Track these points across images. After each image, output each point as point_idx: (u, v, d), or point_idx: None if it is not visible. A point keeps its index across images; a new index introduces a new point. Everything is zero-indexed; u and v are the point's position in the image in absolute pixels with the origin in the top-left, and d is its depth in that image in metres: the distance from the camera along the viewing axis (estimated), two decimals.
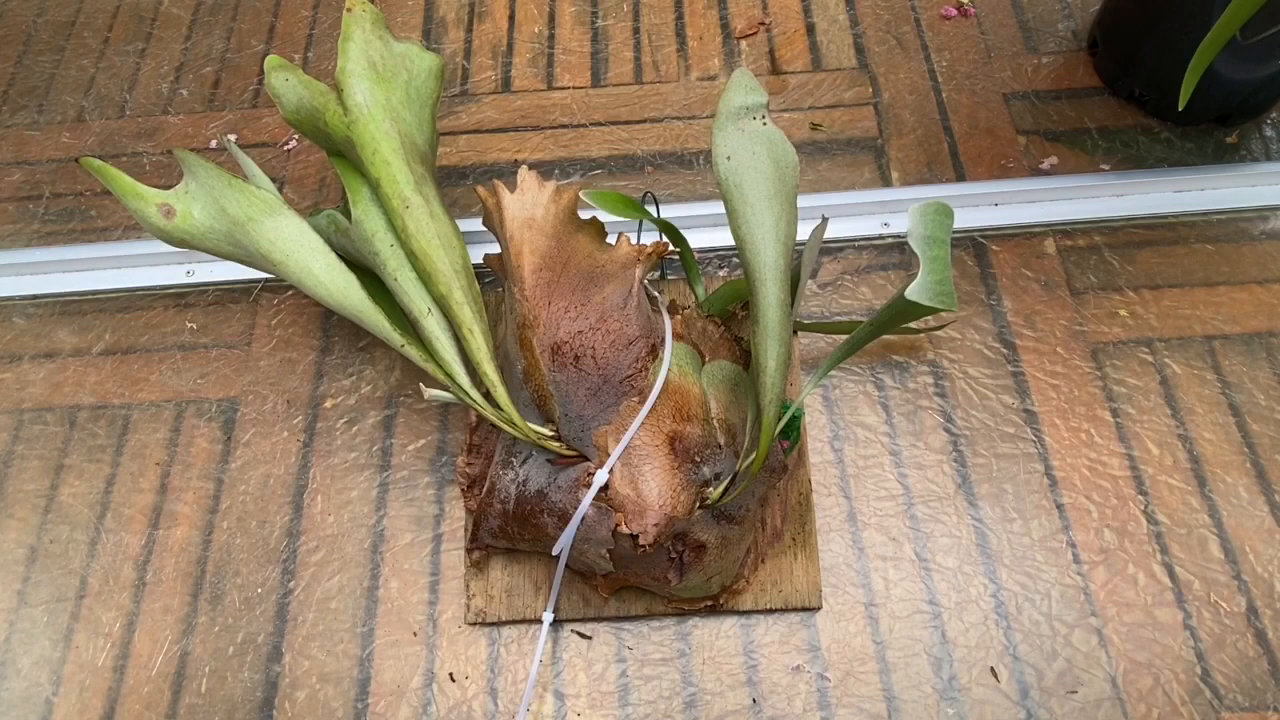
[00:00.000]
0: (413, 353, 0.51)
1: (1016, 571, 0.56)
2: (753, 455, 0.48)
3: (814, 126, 0.75)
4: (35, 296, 0.71)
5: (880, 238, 0.69)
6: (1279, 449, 0.59)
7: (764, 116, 0.50)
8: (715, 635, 0.55)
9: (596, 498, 0.47)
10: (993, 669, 0.53)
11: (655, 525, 0.46)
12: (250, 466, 0.62)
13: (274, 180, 0.75)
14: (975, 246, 0.68)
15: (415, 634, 0.56)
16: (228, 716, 0.54)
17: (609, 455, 0.47)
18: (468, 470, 0.58)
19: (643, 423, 0.48)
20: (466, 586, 0.56)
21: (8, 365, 0.68)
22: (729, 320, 0.61)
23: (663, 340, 0.50)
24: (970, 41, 0.79)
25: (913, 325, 0.62)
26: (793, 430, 0.55)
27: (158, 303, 0.70)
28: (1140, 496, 0.58)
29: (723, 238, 0.69)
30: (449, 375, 0.52)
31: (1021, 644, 0.54)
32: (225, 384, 0.66)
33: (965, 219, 0.69)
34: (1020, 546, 0.57)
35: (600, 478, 0.47)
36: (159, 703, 0.55)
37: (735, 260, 0.69)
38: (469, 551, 0.56)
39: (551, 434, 0.50)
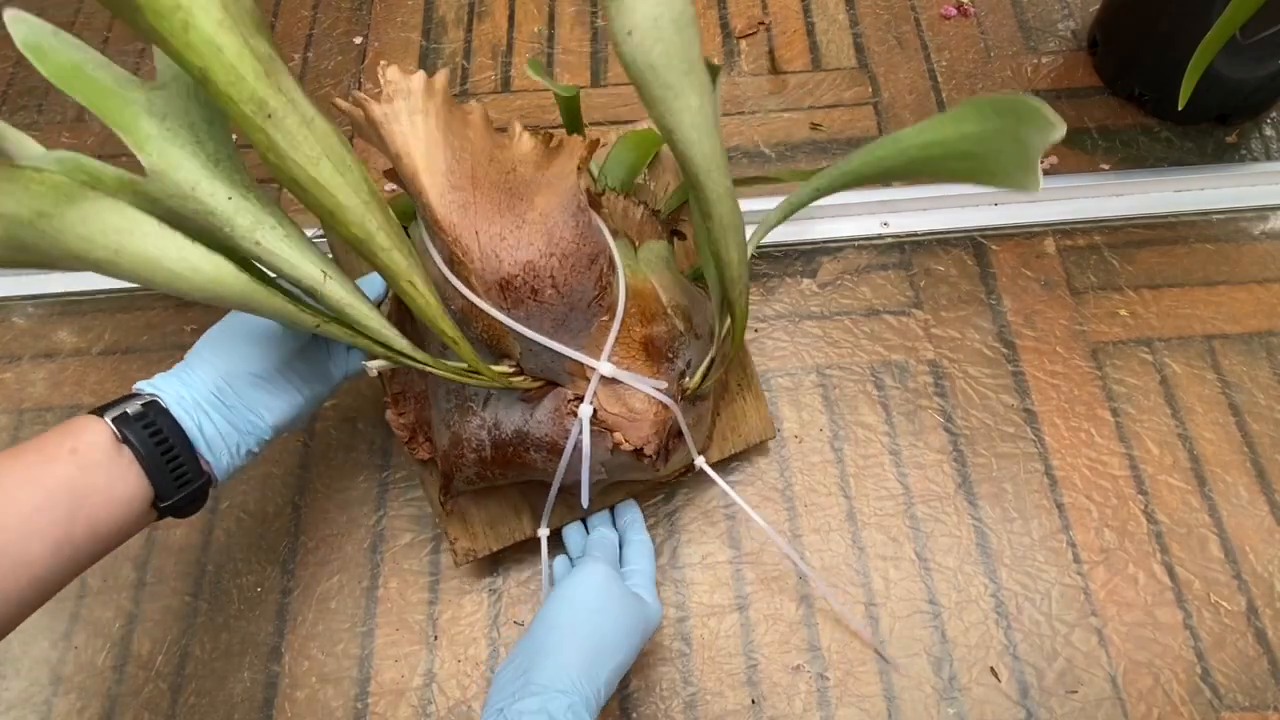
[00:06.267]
0: (334, 330, 0.41)
1: (1016, 571, 0.56)
2: (726, 342, 0.47)
3: (814, 126, 0.75)
4: (35, 296, 0.71)
5: (880, 237, 0.69)
6: (1279, 449, 0.59)
7: None
8: (715, 635, 0.55)
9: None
10: (993, 669, 0.53)
11: (655, 434, 0.46)
12: (250, 466, 0.62)
13: None
14: (975, 246, 0.68)
15: (415, 634, 0.56)
16: (228, 716, 0.54)
17: (588, 381, 0.45)
18: (401, 421, 0.53)
19: (616, 337, 0.46)
20: (445, 534, 0.55)
21: (8, 365, 0.68)
22: (637, 191, 0.57)
23: (609, 246, 0.46)
24: (970, 41, 0.79)
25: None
26: None
27: (158, 303, 0.70)
28: (1140, 496, 0.58)
29: None
30: (385, 345, 0.43)
31: (1021, 644, 0.54)
32: None
33: (965, 219, 0.69)
34: (1020, 546, 0.57)
35: (586, 411, 0.45)
36: (159, 703, 0.55)
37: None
38: (443, 504, 0.53)
39: (513, 370, 0.46)
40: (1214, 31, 0.48)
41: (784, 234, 0.69)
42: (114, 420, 0.39)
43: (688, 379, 0.49)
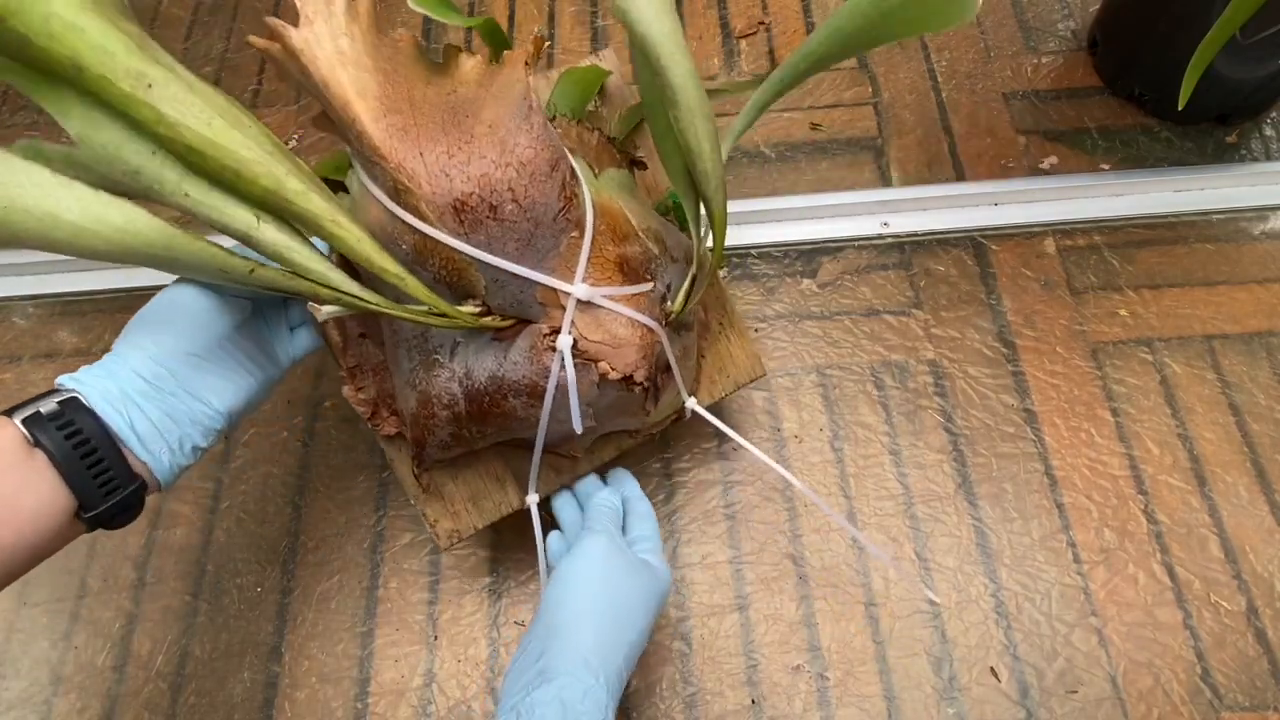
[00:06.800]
0: (271, 276, 0.38)
1: (1016, 571, 0.56)
2: (705, 252, 0.44)
3: (814, 126, 0.75)
4: (35, 296, 0.71)
5: (880, 237, 0.69)
6: (1279, 449, 0.59)
7: None
8: (715, 635, 0.55)
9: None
10: (993, 669, 0.53)
11: (643, 359, 0.43)
12: (250, 466, 0.62)
13: None
14: (975, 246, 0.68)
15: (415, 634, 0.56)
16: (227, 716, 0.54)
17: (564, 310, 0.42)
18: (361, 396, 0.49)
19: (589, 257, 0.42)
20: (424, 517, 0.51)
21: (8, 365, 0.68)
22: (590, 119, 0.54)
23: (566, 154, 0.42)
24: (970, 41, 0.79)
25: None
26: (680, 209, 0.52)
27: None
28: (1140, 496, 0.58)
29: (733, 235, 0.69)
30: (328, 285, 0.39)
31: (1021, 644, 0.54)
32: None
33: (965, 219, 0.69)
34: (1020, 546, 0.57)
35: (566, 341, 0.42)
36: (159, 703, 0.55)
37: (735, 260, 0.69)
38: (418, 478, 0.50)
39: (480, 309, 0.42)
40: (1214, 31, 0.48)
41: (784, 234, 0.69)
42: (24, 421, 0.35)
43: (669, 303, 0.46)
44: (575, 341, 0.42)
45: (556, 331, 0.42)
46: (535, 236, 0.40)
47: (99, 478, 0.36)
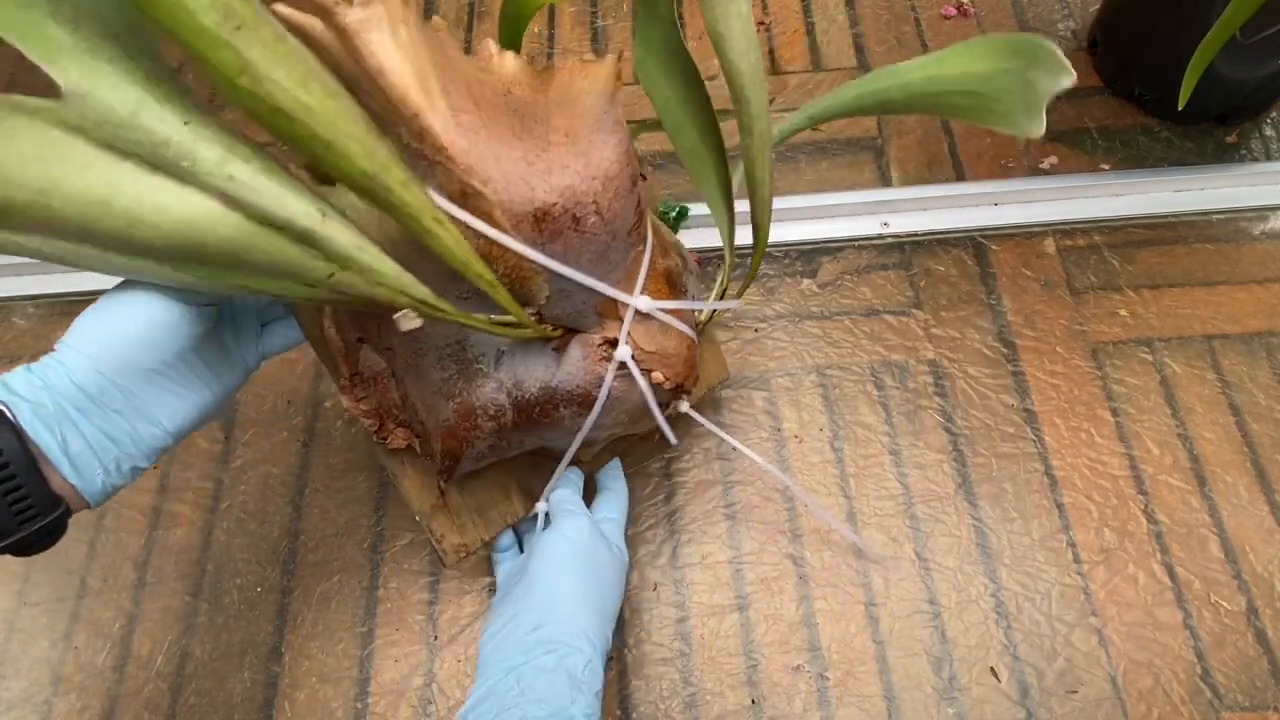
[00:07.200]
0: (349, 280, 0.33)
1: (1016, 571, 0.56)
2: (737, 272, 0.47)
3: (814, 126, 0.75)
4: (35, 296, 0.71)
5: (880, 237, 0.69)
6: (1279, 449, 0.59)
7: None
8: (715, 635, 0.55)
9: (621, 365, 0.43)
10: (993, 669, 0.53)
11: (690, 368, 0.44)
12: (250, 466, 0.62)
13: None
14: (975, 246, 0.68)
15: (415, 634, 0.56)
16: (227, 716, 0.54)
17: (618, 321, 0.42)
18: (363, 407, 0.46)
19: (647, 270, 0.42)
20: (430, 533, 0.50)
21: (8, 365, 0.67)
22: None
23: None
24: None
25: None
26: (679, 220, 0.61)
27: None
28: (1140, 496, 0.58)
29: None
30: (406, 293, 0.35)
31: (1021, 644, 0.54)
32: None
33: (965, 219, 0.69)
34: (1020, 546, 0.57)
35: (625, 353, 0.42)
36: (159, 703, 0.55)
37: (735, 260, 0.69)
38: (442, 492, 0.49)
39: (534, 317, 0.41)
40: (1214, 31, 0.48)
41: (784, 234, 0.69)
42: None
43: (694, 312, 0.47)
44: (631, 353, 0.43)
45: (609, 342, 0.42)
46: (610, 249, 0.40)
47: (14, 505, 0.32)
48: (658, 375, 0.43)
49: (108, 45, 0.28)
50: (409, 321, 0.36)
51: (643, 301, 0.42)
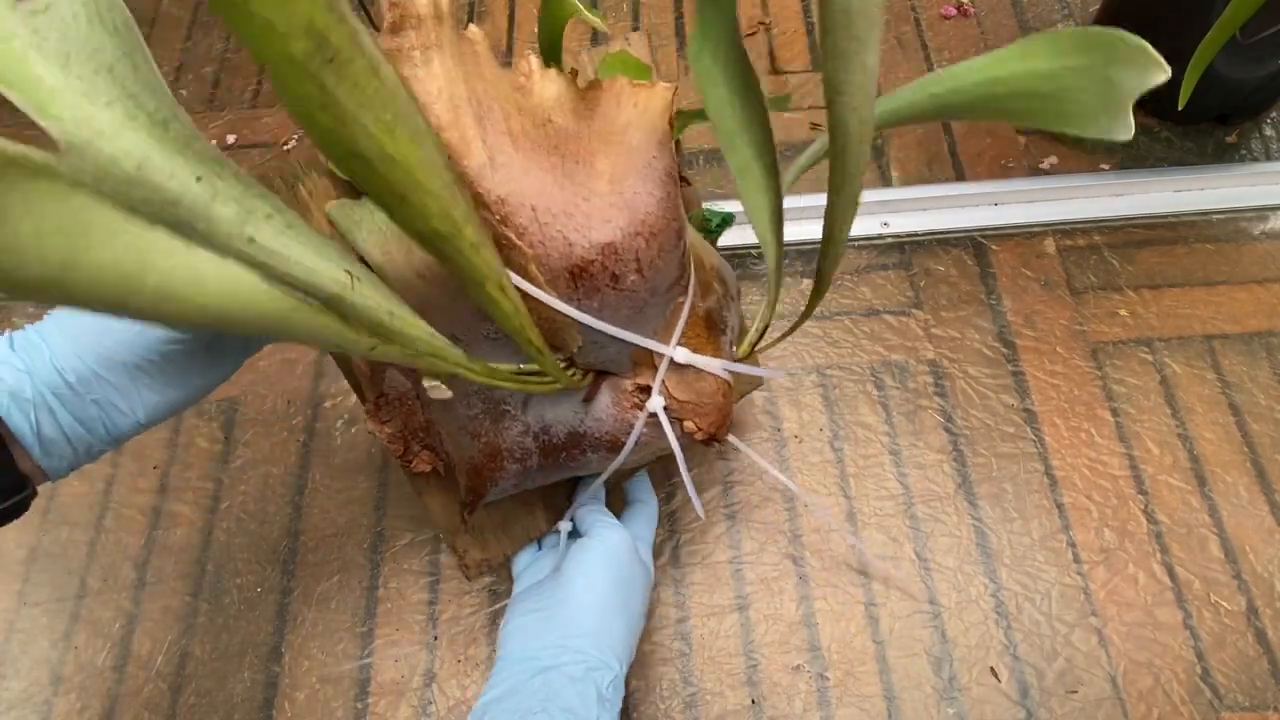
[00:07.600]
0: (392, 353, 0.31)
1: (1016, 571, 0.56)
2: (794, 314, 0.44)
3: (814, 126, 0.75)
4: None
5: (880, 237, 0.69)
6: (1279, 449, 0.59)
7: None
8: (715, 635, 0.55)
9: (652, 414, 0.41)
10: (993, 669, 0.53)
11: (725, 416, 0.42)
12: (250, 466, 0.62)
13: None
14: (975, 246, 0.68)
15: (415, 634, 0.56)
16: (227, 716, 0.54)
17: (653, 369, 0.40)
18: (388, 430, 0.44)
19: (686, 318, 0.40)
20: (454, 549, 0.50)
21: None
22: None
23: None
24: (970, 41, 0.79)
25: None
26: (721, 229, 0.61)
27: None
28: (1140, 496, 0.58)
29: (734, 235, 0.69)
30: (439, 357, 0.33)
31: (1021, 644, 0.54)
32: (225, 384, 0.66)
33: (965, 219, 0.69)
34: (1020, 546, 0.57)
35: (658, 404, 0.41)
36: (159, 703, 0.55)
37: (735, 260, 0.69)
38: (465, 521, 0.48)
39: (565, 366, 0.40)
40: (1214, 31, 0.48)
41: (784, 234, 0.69)
42: None
43: (734, 347, 0.45)
44: (664, 403, 0.41)
45: (642, 389, 0.41)
46: (649, 305, 0.37)
47: None
48: (690, 424, 0.42)
49: (104, 83, 0.24)
50: (439, 393, 0.35)
51: (680, 354, 0.40)
